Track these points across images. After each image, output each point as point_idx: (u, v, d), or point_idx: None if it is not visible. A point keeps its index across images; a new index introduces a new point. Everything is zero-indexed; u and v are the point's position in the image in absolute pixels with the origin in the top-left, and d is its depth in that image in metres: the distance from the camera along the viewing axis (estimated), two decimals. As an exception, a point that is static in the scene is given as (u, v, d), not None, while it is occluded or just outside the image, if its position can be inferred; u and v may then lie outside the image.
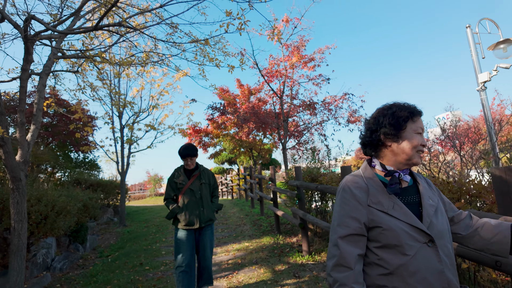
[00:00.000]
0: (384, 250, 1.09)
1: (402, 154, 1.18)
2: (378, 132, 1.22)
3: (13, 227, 2.89)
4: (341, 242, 1.11)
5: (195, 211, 3.28)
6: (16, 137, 2.84)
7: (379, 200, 1.13)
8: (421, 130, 1.20)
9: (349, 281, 1.06)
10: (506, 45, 6.12)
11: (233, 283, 3.85)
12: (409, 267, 1.05)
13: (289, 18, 7.03)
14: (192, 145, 3.46)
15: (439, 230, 1.11)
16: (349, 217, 1.14)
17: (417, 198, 1.18)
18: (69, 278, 4.75)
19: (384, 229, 1.09)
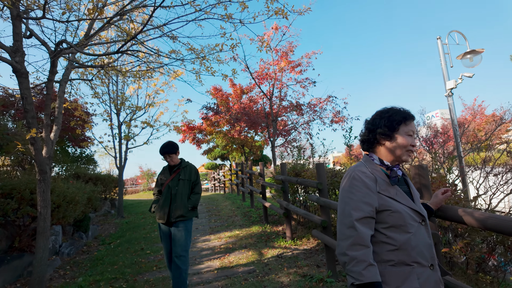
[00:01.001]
0: (391, 229, 1.28)
1: (394, 152, 1.38)
2: (375, 132, 1.41)
3: (40, 212, 3.42)
4: (358, 224, 1.26)
5: (166, 207, 3.36)
6: (42, 136, 3.35)
7: (386, 188, 1.32)
8: (412, 133, 1.39)
9: (368, 257, 1.22)
10: (472, 55, 6.81)
11: (225, 263, 4.45)
12: (411, 242, 1.26)
13: (278, 26, 7.63)
14: (171, 143, 3.50)
15: (425, 212, 1.36)
16: (362, 202, 1.29)
17: (407, 187, 1.42)
18: (77, 261, 5.28)
19: (392, 211, 1.28)
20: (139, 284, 3.90)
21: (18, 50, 2.84)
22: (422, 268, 1.26)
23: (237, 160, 17.32)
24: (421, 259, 1.26)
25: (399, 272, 1.25)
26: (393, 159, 1.39)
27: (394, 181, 1.33)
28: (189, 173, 3.51)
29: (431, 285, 1.25)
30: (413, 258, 1.25)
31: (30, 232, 4.90)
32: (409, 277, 1.23)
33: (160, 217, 3.39)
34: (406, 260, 1.25)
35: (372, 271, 1.21)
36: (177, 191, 3.41)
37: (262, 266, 4.17)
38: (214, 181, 18.95)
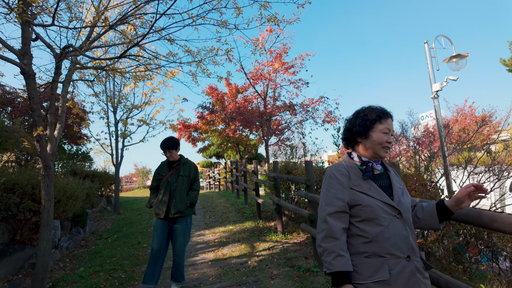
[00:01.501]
0: (364, 223, 1.34)
1: (370, 149, 1.44)
2: (352, 131, 1.48)
3: (43, 205, 3.62)
4: (329, 218, 1.36)
5: (165, 202, 3.36)
6: (46, 134, 3.55)
7: (359, 184, 1.38)
8: (387, 130, 1.43)
9: (337, 248, 1.31)
10: (458, 59, 7.11)
11: (219, 256, 4.69)
12: (384, 234, 1.30)
13: (273, 28, 7.88)
14: (172, 139, 3.52)
15: (405, 207, 1.39)
16: (335, 197, 1.38)
17: (387, 182, 1.45)
18: (75, 255, 5.47)
19: (364, 206, 1.34)
20: (137, 274, 4.13)
21: (26, 53, 3.04)
22: (396, 259, 1.30)
23: (232, 158, 17.55)
24: (395, 251, 1.30)
25: (372, 263, 1.30)
26: (371, 156, 1.45)
27: (366, 176, 1.39)
28: (188, 169, 3.54)
29: (406, 275, 1.28)
30: (386, 250, 1.30)
31: (31, 225, 5.08)
32: (381, 268, 1.28)
33: (159, 212, 3.38)
34: (379, 252, 1.30)
35: (341, 261, 1.29)
36: (176, 187, 3.42)
37: (253, 258, 4.42)
38: (209, 179, 19.15)
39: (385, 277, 1.27)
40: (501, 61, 19.79)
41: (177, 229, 3.40)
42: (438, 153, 6.95)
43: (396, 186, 1.44)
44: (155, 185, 3.57)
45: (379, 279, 1.27)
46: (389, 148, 1.44)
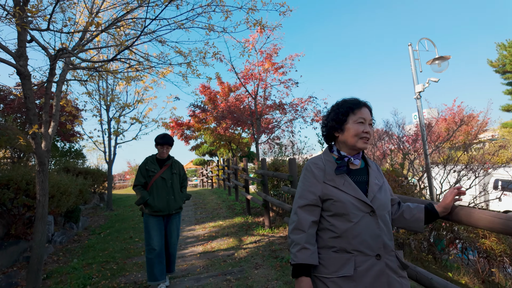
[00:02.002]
0: (334, 217, 1.33)
1: (348, 142, 1.41)
2: (328, 127, 1.48)
3: (38, 200, 3.79)
4: (299, 211, 1.37)
5: (166, 199, 3.38)
6: (41, 132, 3.71)
7: (333, 178, 1.36)
8: (362, 120, 1.40)
9: (302, 241, 1.31)
10: (440, 61, 7.41)
11: (208, 248, 4.91)
12: (353, 231, 1.28)
13: (263, 29, 8.03)
14: (168, 135, 3.55)
15: (380, 203, 1.35)
16: (307, 191, 1.38)
17: (366, 178, 1.42)
18: (69, 249, 5.64)
19: (335, 200, 1.32)
20: (128, 266, 4.32)
21: (22, 55, 3.20)
22: (364, 257, 1.28)
23: (225, 156, 17.75)
24: (364, 249, 1.28)
25: (339, 258, 1.30)
26: (350, 149, 1.42)
27: (338, 171, 1.37)
28: (178, 167, 3.62)
29: (373, 274, 1.26)
30: (354, 246, 1.29)
31: (25, 220, 5.23)
32: (347, 264, 1.28)
33: (161, 209, 3.34)
34: (347, 248, 1.29)
35: (305, 253, 1.30)
36: (173, 184, 3.46)
37: (240, 251, 4.64)
38: (202, 176, 19.32)
39: (349, 273, 1.26)
40: (488, 62, 20.32)
41: (173, 224, 3.49)
42: (420, 152, 7.25)
43: (373, 182, 1.40)
44: (143, 181, 3.44)
45: (344, 274, 1.27)
46: (368, 138, 1.40)
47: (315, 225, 1.37)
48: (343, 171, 1.37)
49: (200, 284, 3.54)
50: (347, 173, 1.38)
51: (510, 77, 19.63)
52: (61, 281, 3.95)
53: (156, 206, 3.35)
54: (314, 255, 1.31)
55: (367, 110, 1.43)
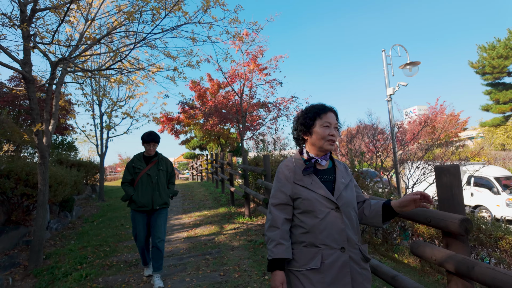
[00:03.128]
0: (303, 214, 1.44)
1: (315, 144, 1.52)
2: (298, 130, 1.58)
3: (40, 189, 4.29)
4: (273, 209, 1.49)
5: (150, 194, 3.44)
6: (42, 129, 4.19)
7: (302, 178, 1.48)
8: (328, 124, 1.50)
9: (277, 237, 1.42)
10: (411, 66, 8.03)
11: (191, 234, 5.48)
12: (320, 226, 1.39)
13: (248, 32, 8.59)
14: (154, 133, 3.58)
15: (346, 201, 1.46)
16: (279, 191, 1.50)
17: (333, 177, 1.52)
18: (64, 235, 6.14)
19: (303, 199, 1.43)
20: (119, 248, 4.87)
21: (27, 62, 3.67)
22: (331, 250, 1.39)
23: (215, 150, 18.27)
24: (330, 242, 1.39)
25: (308, 252, 1.41)
26: (318, 151, 1.53)
27: (305, 172, 1.48)
28: (165, 164, 3.68)
29: (338, 265, 1.37)
30: (321, 240, 1.39)
31: (24, 208, 5.71)
32: (315, 257, 1.38)
33: (145, 205, 3.43)
34: (315, 242, 1.40)
35: (280, 248, 1.41)
36: (158, 180, 3.52)
37: (220, 236, 5.23)
38: (192, 170, 19.83)
39: (317, 265, 1.37)
40: (469, 64, 21.16)
41: (159, 219, 3.52)
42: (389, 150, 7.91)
43: (339, 181, 1.50)
44: (129, 178, 3.55)
45: (312, 267, 1.37)
46: (333, 141, 1.51)
47: (289, 222, 1.48)
48: (310, 172, 1.48)
49: (182, 262, 4.12)
50: (315, 173, 1.49)
51: (489, 78, 20.53)
52: (60, 261, 4.47)
53: (140, 202, 3.42)
54: (288, 250, 1.42)
55: (333, 114, 1.54)
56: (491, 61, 19.31)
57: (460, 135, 23.99)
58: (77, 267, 4.15)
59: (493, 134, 23.70)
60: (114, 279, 3.70)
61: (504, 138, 22.61)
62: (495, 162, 17.43)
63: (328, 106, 1.57)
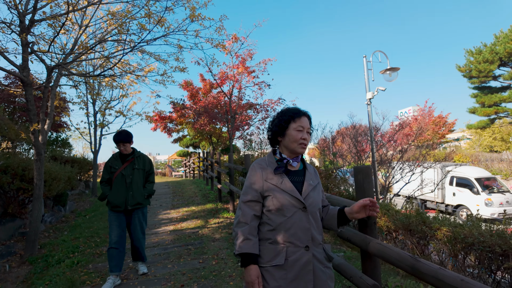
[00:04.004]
0: (271, 212, 1.48)
1: (288, 146, 1.57)
2: (272, 131, 1.62)
3: (35, 183, 4.65)
4: (243, 206, 1.52)
5: (123, 195, 3.38)
6: (39, 128, 4.54)
7: (273, 177, 1.52)
8: (301, 128, 1.55)
9: (245, 232, 1.46)
10: (391, 72, 8.49)
11: (177, 227, 5.87)
12: (286, 224, 1.45)
13: (237, 37, 8.98)
14: (126, 132, 3.50)
15: (312, 201, 1.52)
16: (250, 188, 1.54)
17: (302, 178, 1.57)
18: (58, 228, 6.49)
19: (273, 197, 1.48)
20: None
21: (25, 67, 4.01)
22: (295, 248, 1.44)
23: (207, 149, 18.64)
24: (295, 240, 1.44)
25: (273, 249, 1.45)
26: (290, 152, 1.58)
27: (277, 171, 1.53)
28: (143, 162, 3.60)
29: (302, 263, 1.42)
30: (286, 238, 1.44)
31: (20, 201, 6.05)
32: (280, 254, 1.43)
33: (117, 205, 3.39)
34: (280, 240, 1.45)
35: (248, 244, 1.44)
36: (132, 180, 3.45)
37: (204, 229, 5.63)
38: (185, 167, 20.20)
39: (281, 262, 1.41)
40: (456, 67, 21.75)
41: (135, 219, 3.50)
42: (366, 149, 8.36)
43: (308, 182, 1.55)
44: (107, 178, 3.52)
45: (276, 263, 1.42)
46: (305, 144, 1.56)
47: (257, 218, 1.52)
48: (281, 171, 1.53)
49: (166, 251, 4.51)
50: (286, 173, 1.54)
51: (476, 82, 21.12)
52: (53, 250, 4.84)
53: (113, 202, 3.39)
54: (255, 246, 1.46)
55: (307, 119, 1.60)
56: (478, 65, 19.87)
57: (448, 137, 24.63)
58: (70, 255, 4.53)
59: (480, 136, 24.39)
60: (103, 266, 4.08)
61: (491, 140, 23.30)
62: (479, 164, 18.05)
63: (302, 110, 1.62)
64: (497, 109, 19.82)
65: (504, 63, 19.68)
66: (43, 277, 3.80)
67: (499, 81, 20.67)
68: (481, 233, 2.82)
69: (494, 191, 13.02)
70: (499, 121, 21.84)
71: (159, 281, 3.49)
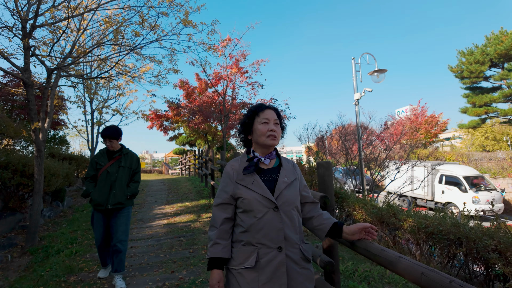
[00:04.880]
0: (243, 214, 1.47)
1: (258, 142, 1.55)
2: (241, 131, 1.63)
3: (36, 178, 4.93)
4: (214, 209, 1.51)
5: (105, 193, 3.22)
6: (39, 127, 4.82)
7: (244, 178, 1.49)
8: (266, 120, 1.53)
9: (214, 237, 1.46)
10: (378, 73, 8.82)
11: (171, 221, 6.18)
12: (257, 226, 1.42)
13: (231, 38, 9.27)
14: (114, 127, 3.35)
15: (286, 200, 1.47)
16: (223, 190, 1.52)
17: (276, 176, 1.53)
18: (57, 222, 6.77)
19: (244, 198, 1.46)
20: (106, 232, 5.54)
21: (27, 70, 4.29)
22: (267, 249, 1.40)
23: (202, 147, 18.93)
24: (267, 241, 1.41)
25: (245, 251, 1.42)
26: (262, 148, 1.55)
27: (245, 172, 1.50)
28: (130, 160, 3.42)
29: (274, 265, 1.38)
30: (258, 239, 1.41)
31: (19, 196, 6.32)
32: (251, 256, 1.40)
33: (99, 203, 3.25)
34: (252, 241, 1.42)
35: (216, 248, 1.43)
36: (117, 178, 3.29)
37: (196, 223, 5.94)
38: (181, 165, 20.48)
39: (251, 265, 1.38)
40: (449, 68, 22.14)
41: (118, 219, 3.31)
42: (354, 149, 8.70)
43: (281, 180, 1.51)
44: (92, 174, 3.37)
45: (247, 266, 1.39)
46: (274, 136, 1.52)
47: (229, 221, 1.50)
48: (250, 171, 1.49)
49: (159, 243, 4.82)
50: (259, 172, 1.51)
51: (467, 82, 21.54)
52: (52, 241, 5.13)
53: (96, 200, 3.26)
54: (225, 249, 1.44)
55: (271, 111, 1.57)
56: (469, 66, 20.28)
57: (440, 136, 25.08)
58: (68, 246, 4.82)
59: (473, 136, 24.85)
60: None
61: (483, 140, 23.76)
62: (469, 162, 18.48)
63: (266, 104, 1.63)
64: (487, 109, 20.25)
65: (495, 64, 20.11)
66: (44, 265, 4.09)
67: (490, 82, 21.11)
68: (440, 223, 3.15)
69: (482, 189, 13.44)
70: (491, 120, 22.29)
71: (152, 268, 3.80)
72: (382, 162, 8.67)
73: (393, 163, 8.33)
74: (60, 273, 3.72)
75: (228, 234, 1.49)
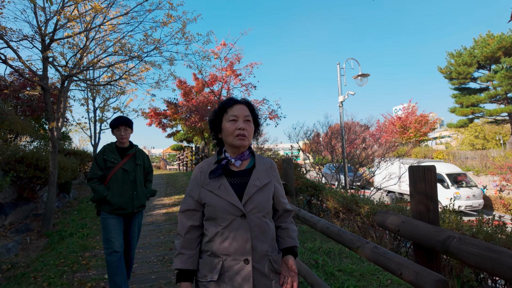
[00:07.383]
0: (207, 222, 1.33)
1: (227, 142, 1.38)
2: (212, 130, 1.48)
3: (51, 171, 5.63)
4: (180, 215, 1.39)
5: (128, 195, 2.83)
6: (54, 126, 5.50)
7: (210, 182, 1.32)
8: (234, 117, 1.35)
9: (178, 246, 1.33)
10: (361, 77, 9.54)
11: (169, 211, 6.90)
12: (221, 235, 1.27)
13: (226, 43, 9.92)
14: (125, 116, 3.00)
15: (256, 205, 1.30)
16: (189, 195, 1.38)
17: (247, 179, 1.35)
18: (65, 211, 7.47)
19: (208, 205, 1.30)
20: (112, 219, 6.25)
21: (45, 77, 4.96)
22: (233, 261, 1.26)
23: (199, 143, 19.64)
24: (232, 253, 1.26)
25: (209, 262, 1.29)
26: (232, 149, 1.38)
27: (211, 175, 1.33)
28: (142, 158, 3.08)
29: (239, 279, 1.25)
30: (223, 250, 1.27)
31: (32, 187, 7.01)
32: (215, 268, 1.26)
33: (122, 207, 2.80)
34: (216, 252, 1.28)
35: (180, 259, 1.30)
36: (136, 177, 2.93)
37: (192, 212, 6.66)
38: (179, 161, 21.20)
39: (214, 278, 1.25)
40: (438, 69, 22.91)
41: (135, 224, 3.00)
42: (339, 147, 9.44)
43: (252, 184, 1.34)
44: (100, 174, 2.84)
45: (210, 279, 1.26)
46: (243, 135, 1.34)
47: (196, 229, 1.35)
48: (217, 175, 1.33)
49: (159, 228, 5.54)
50: (229, 175, 1.36)
51: (455, 83, 22.31)
52: (65, 226, 5.84)
53: (117, 203, 2.77)
54: (190, 260, 1.31)
55: (242, 106, 1.39)
56: (457, 68, 21.03)
57: (429, 135, 25.93)
58: (80, 230, 5.54)
59: (462, 135, 25.70)
60: (108, 237, 5.10)
61: (472, 139, 24.61)
62: (454, 161, 19.31)
63: (236, 99, 1.44)
64: (473, 109, 21.05)
65: (482, 66, 20.88)
66: (61, 245, 4.81)
67: (477, 83, 21.89)
68: (391, 208, 3.87)
69: (463, 186, 14.28)
70: (482, 119, 23.11)
71: (153, 247, 4.53)
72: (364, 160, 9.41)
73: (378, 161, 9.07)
74: (76, 249, 4.44)
75: (195, 243, 1.35)
